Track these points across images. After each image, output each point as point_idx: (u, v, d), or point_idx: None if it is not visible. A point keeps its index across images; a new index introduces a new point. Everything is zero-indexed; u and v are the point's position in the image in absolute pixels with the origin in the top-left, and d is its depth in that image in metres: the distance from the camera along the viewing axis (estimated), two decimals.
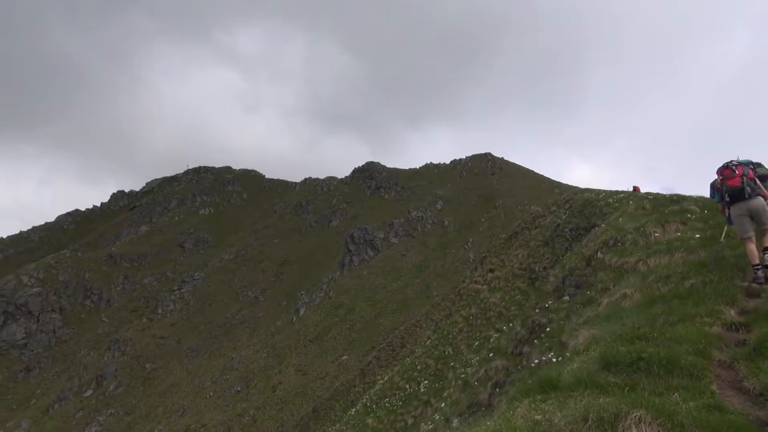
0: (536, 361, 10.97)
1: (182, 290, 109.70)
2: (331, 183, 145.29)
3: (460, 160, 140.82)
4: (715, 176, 9.61)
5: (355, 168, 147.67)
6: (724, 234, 10.16)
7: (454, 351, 28.83)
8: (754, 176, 9.30)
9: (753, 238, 9.05)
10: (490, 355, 18.27)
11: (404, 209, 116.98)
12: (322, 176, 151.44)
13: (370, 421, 28.86)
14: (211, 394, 76.97)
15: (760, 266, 8.63)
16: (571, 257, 19.80)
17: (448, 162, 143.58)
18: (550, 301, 16.55)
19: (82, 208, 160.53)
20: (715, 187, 9.67)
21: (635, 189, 35.45)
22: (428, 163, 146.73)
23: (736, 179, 9.25)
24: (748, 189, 9.17)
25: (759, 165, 9.55)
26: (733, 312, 7.34)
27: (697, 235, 12.22)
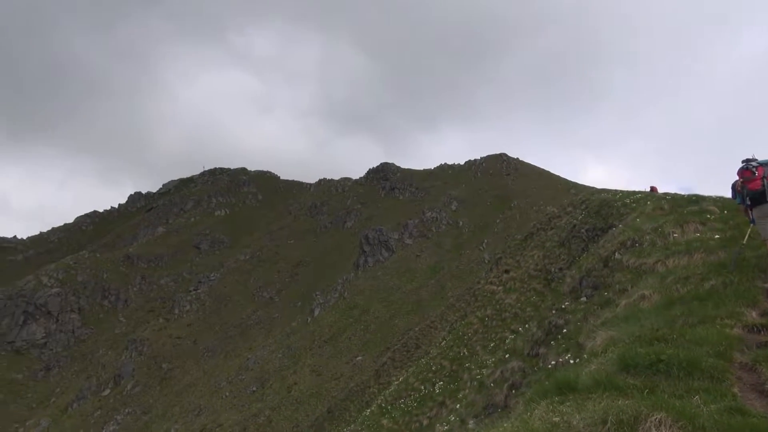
0: (553, 363, 10.90)
1: (198, 291, 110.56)
2: (345, 184, 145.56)
3: (475, 160, 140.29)
4: (736, 177, 9.49)
5: (370, 169, 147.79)
6: (748, 235, 10.03)
7: (469, 352, 28.73)
8: None
9: None
10: (506, 356, 18.18)
11: (419, 210, 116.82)
12: (336, 177, 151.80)
13: (385, 422, 28.85)
14: (227, 394, 77.47)
15: None
16: (587, 258, 19.65)
17: (462, 162, 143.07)
18: (567, 303, 16.43)
19: (101, 210, 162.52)
20: (736, 189, 9.55)
21: (653, 189, 35.07)
22: (443, 163, 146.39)
23: (757, 182, 9.13)
24: None
25: None
26: (754, 314, 7.23)
27: (716, 236, 12.07)
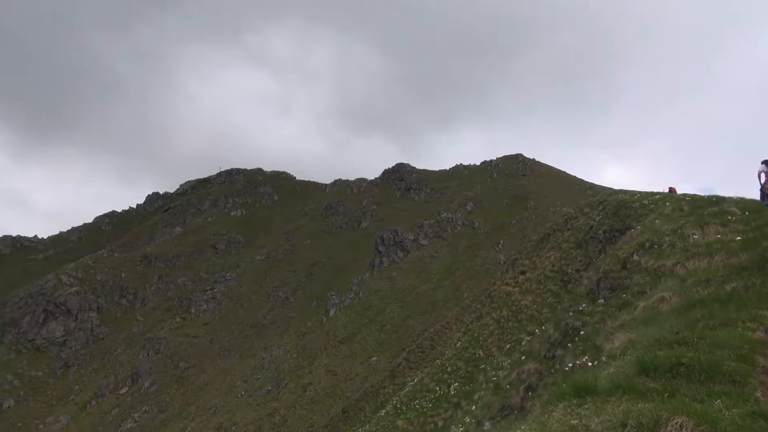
0: (570, 365, 10.82)
1: (215, 290, 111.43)
2: (361, 184, 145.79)
3: (491, 161, 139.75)
4: (763, 178, 9.35)
5: (385, 169, 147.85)
6: None
7: (484, 353, 28.61)
8: None
9: None
10: (522, 358, 18.07)
11: (434, 211, 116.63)
12: (352, 178, 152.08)
13: (400, 423, 28.84)
14: (243, 393, 77.97)
15: None
16: (605, 259, 19.48)
17: (478, 163, 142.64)
18: (584, 304, 16.30)
19: (119, 210, 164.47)
20: (764, 192, 9.42)
21: (671, 190, 34.69)
22: (458, 164, 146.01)
23: None
24: None
25: None
26: None
27: (738, 238, 11.89)
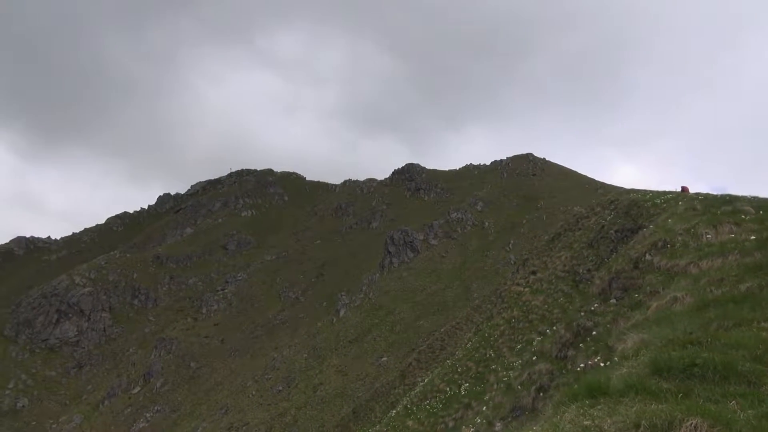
0: (582, 366, 10.75)
1: (225, 291, 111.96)
2: (371, 185, 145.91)
3: (501, 161, 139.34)
4: None
5: (395, 170, 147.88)
6: None
7: (495, 354, 28.51)
8: None
9: None
10: (533, 358, 17.99)
11: (444, 211, 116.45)
12: (362, 178, 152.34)
13: (410, 423, 28.80)
14: (254, 393, 78.25)
15: None
16: (617, 259, 19.34)
17: (488, 163, 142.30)
18: (596, 304, 16.20)
19: (131, 211, 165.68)
20: None
21: (684, 189, 34.49)
22: (468, 164, 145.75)
23: None
24: None
25: None
26: None
27: (752, 237, 11.76)
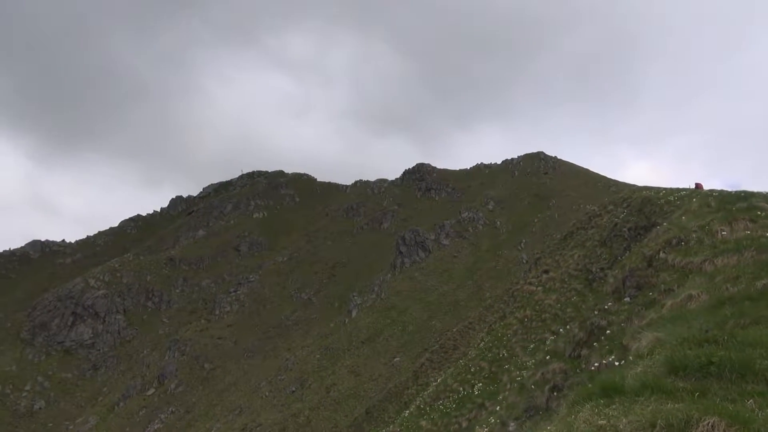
0: (596, 365, 10.68)
1: (238, 292, 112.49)
2: (381, 185, 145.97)
3: (512, 159, 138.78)
4: None
5: (406, 170, 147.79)
6: None
7: (508, 353, 28.42)
8: None
9: None
10: (547, 357, 17.90)
11: (455, 210, 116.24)
12: (372, 178, 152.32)
13: (423, 423, 28.78)
14: (267, 393, 78.57)
15: None
16: (630, 257, 19.20)
17: (499, 162, 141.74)
18: (610, 303, 16.09)
19: (144, 213, 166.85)
20: None
21: (698, 186, 34.16)
22: (479, 163, 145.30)
23: None
24: None
25: None
26: None
27: None
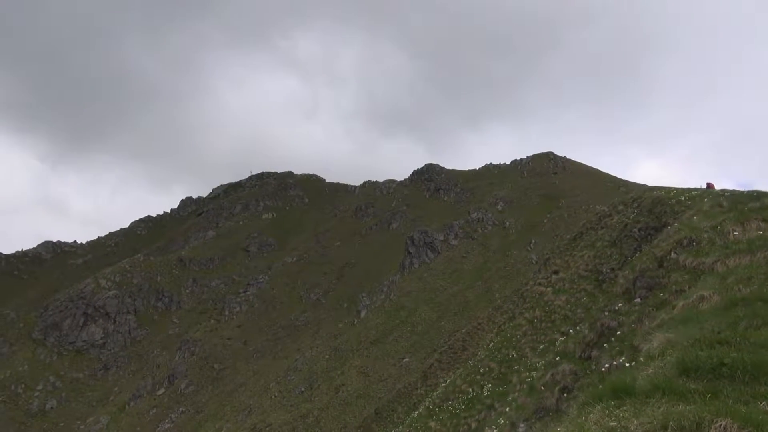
0: (606, 366, 10.62)
1: (248, 293, 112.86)
2: (390, 186, 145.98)
3: (521, 160, 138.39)
4: None
5: (414, 170, 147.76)
6: None
7: (518, 354, 28.32)
8: None
9: None
10: (557, 358, 17.82)
11: (464, 211, 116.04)
12: (381, 179, 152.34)
13: (432, 424, 28.73)
14: (276, 394, 78.77)
15: None
16: (641, 258, 19.07)
17: (508, 162, 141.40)
18: (620, 304, 15.99)
19: (154, 214, 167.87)
20: None
21: (709, 186, 33.92)
22: (488, 163, 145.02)
23: None
24: None
25: None
26: None
27: None
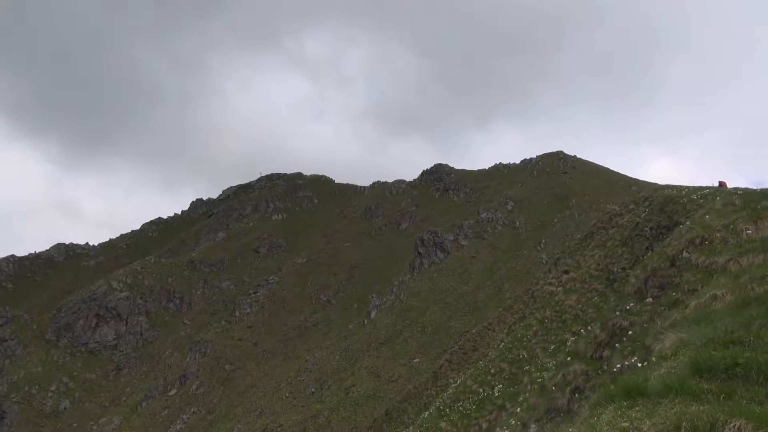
0: (618, 366, 10.56)
1: (258, 294, 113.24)
2: (399, 186, 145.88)
3: (531, 159, 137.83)
4: None
5: (424, 170, 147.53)
6: None
7: (528, 354, 28.21)
8: None
9: None
10: (568, 359, 17.73)
11: (474, 211, 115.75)
12: (390, 179, 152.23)
13: (443, 425, 28.69)
14: (287, 395, 78.99)
15: None
16: (653, 257, 18.93)
17: (518, 162, 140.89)
18: (631, 304, 15.89)
19: (165, 216, 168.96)
20: None
21: (721, 184, 33.74)
22: (497, 163, 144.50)
23: None
24: None
25: None
26: None
27: None
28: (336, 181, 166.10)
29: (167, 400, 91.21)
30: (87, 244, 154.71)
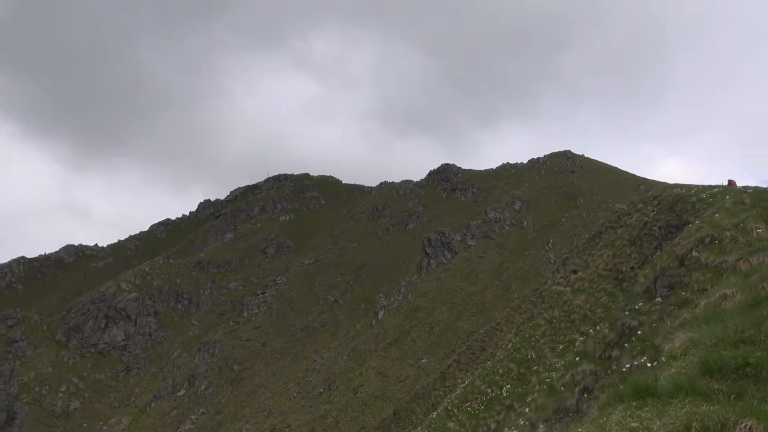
0: (627, 366, 10.51)
1: (266, 294, 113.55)
2: (406, 186, 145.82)
3: (538, 159, 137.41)
4: None
5: (431, 170, 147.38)
6: None
7: (537, 355, 28.13)
8: None
9: None
10: (576, 359, 17.66)
11: (481, 211, 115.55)
12: (397, 180, 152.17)
13: (451, 425, 28.66)
14: (295, 395, 79.15)
15: None
16: (662, 256, 18.83)
17: (525, 161, 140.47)
18: (640, 303, 15.81)
19: (173, 217, 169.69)
20: None
21: (731, 183, 33.55)
22: (505, 163, 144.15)
23: None
24: None
25: None
26: None
27: None
28: (343, 182, 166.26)
29: (176, 400, 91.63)
30: (96, 245, 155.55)
